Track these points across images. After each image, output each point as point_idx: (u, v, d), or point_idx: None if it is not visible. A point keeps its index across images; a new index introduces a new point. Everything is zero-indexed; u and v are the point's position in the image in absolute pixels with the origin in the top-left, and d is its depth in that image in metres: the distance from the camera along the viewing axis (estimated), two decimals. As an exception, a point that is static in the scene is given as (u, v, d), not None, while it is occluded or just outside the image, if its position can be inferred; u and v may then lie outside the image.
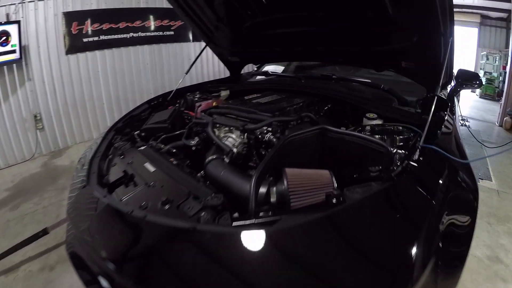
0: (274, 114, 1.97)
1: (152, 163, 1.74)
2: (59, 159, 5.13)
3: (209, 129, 1.95)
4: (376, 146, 1.42)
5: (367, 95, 2.44)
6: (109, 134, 2.39)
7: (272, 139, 1.78)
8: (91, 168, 1.84)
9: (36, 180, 4.48)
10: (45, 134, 5.27)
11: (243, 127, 1.88)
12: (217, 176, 1.63)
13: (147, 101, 3.00)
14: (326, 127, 1.56)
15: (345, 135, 1.52)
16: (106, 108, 5.97)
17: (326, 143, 1.57)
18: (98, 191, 1.52)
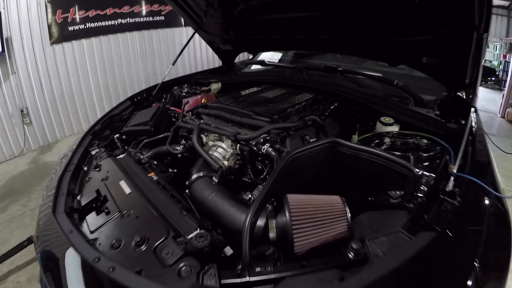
0: (272, 117, 1.69)
1: (129, 181, 1.52)
2: (48, 154, 4.96)
3: (194, 139, 1.67)
4: (400, 169, 1.19)
5: (378, 92, 2.13)
6: (85, 140, 2.14)
7: (271, 152, 1.50)
8: (59, 188, 1.59)
9: (25, 178, 4.33)
10: (33, 128, 5.06)
11: (235, 136, 1.61)
12: (204, 200, 1.40)
13: (129, 97, 2.73)
14: (338, 140, 1.32)
15: (361, 152, 1.28)
16: (95, 99, 5.72)
17: (337, 158, 1.35)
18: (64, 224, 1.31)
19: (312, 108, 2.01)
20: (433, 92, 2.13)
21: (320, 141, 1.34)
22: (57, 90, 5.19)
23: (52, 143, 5.31)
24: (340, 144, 1.32)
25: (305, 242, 1.06)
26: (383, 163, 1.22)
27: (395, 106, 1.83)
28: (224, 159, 1.67)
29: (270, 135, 1.56)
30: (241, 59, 4.13)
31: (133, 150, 1.94)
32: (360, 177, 1.33)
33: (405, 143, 1.45)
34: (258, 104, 1.92)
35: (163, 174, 1.74)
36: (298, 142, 1.67)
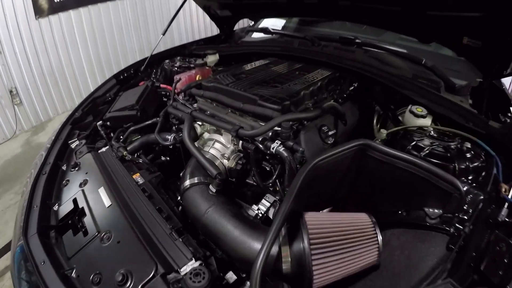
0: (282, 104, 1.34)
1: (109, 187, 1.30)
2: (41, 134, 4.73)
3: (186, 135, 1.35)
4: (445, 185, 0.99)
5: (404, 72, 1.75)
6: (63, 131, 1.86)
7: (282, 152, 1.19)
8: (33, 199, 1.38)
9: (18, 163, 4.13)
10: (24, 109, 4.76)
11: (236, 132, 1.27)
12: (199, 216, 1.14)
13: (115, 74, 2.39)
14: (370, 143, 1.07)
15: (398, 160, 1.04)
16: (87, 73, 5.35)
17: (365, 163, 1.12)
18: (36, 250, 1.14)
19: (329, 89, 1.65)
20: (464, 75, 1.82)
21: (348, 144, 1.07)
22: (46, 67, 4.82)
23: (45, 122, 5.03)
24: (372, 148, 1.08)
25: (327, 277, 0.89)
26: (423, 176, 1.01)
27: (426, 92, 1.53)
28: (223, 158, 1.36)
29: (281, 129, 1.24)
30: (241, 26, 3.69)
31: (115, 143, 1.62)
32: (391, 187, 1.14)
33: (447, 148, 1.19)
34: (264, 84, 1.56)
35: (151, 175, 1.47)
36: (314, 135, 1.35)
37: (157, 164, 1.73)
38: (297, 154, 1.20)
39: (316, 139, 1.35)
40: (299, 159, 1.20)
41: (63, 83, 5.11)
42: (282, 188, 1.27)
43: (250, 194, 1.43)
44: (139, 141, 1.72)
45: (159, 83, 2.24)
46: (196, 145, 1.46)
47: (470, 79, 1.68)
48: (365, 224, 0.97)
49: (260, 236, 1.02)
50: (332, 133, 1.37)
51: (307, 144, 1.29)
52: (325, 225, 0.93)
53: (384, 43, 2.08)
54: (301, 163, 1.20)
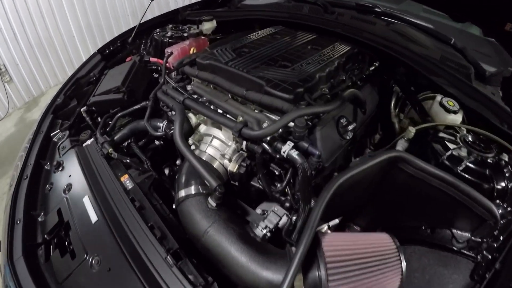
0: (295, 93, 1.08)
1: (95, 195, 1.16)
2: (35, 110, 4.53)
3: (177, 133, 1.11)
4: (481, 211, 0.89)
5: (432, 52, 1.46)
6: (45, 121, 1.67)
7: (296, 158, 0.96)
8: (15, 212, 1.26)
9: (12, 144, 3.96)
10: (15, 85, 4.53)
11: (239, 132, 1.03)
12: (198, 236, 0.98)
13: (99, 49, 2.11)
14: (405, 156, 0.92)
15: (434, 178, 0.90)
16: (78, 41, 5.01)
17: (392, 175, 0.98)
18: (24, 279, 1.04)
19: (346, 68, 1.37)
20: (493, 60, 1.57)
21: (380, 157, 0.91)
22: (34, 39, 4.51)
23: (38, 97, 4.82)
24: (406, 161, 0.93)
25: None
26: (458, 197, 0.91)
27: (456, 81, 1.32)
28: (224, 158, 1.13)
29: (295, 127, 0.99)
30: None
31: (100, 137, 1.39)
32: (417, 202, 1.03)
33: (485, 162, 1.04)
34: (271, 63, 1.28)
35: (141, 176, 1.28)
36: (332, 130, 1.12)
37: (151, 149, 1.56)
38: (313, 159, 0.99)
39: (334, 134, 1.12)
40: (315, 164, 1.00)
41: (53, 55, 4.82)
42: (293, 194, 1.10)
43: (254, 193, 1.24)
44: (128, 128, 1.51)
45: (149, 57, 1.96)
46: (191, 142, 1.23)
47: (500, 66, 1.49)
48: (388, 250, 0.86)
49: (270, 265, 0.88)
50: (352, 128, 1.16)
51: (323, 142, 1.07)
52: (344, 251, 0.82)
53: (406, 14, 1.74)
54: (316, 169, 1.02)
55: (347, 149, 1.21)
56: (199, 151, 1.21)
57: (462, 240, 0.97)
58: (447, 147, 1.10)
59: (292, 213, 1.12)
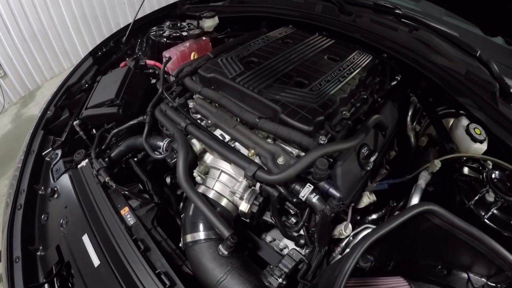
0: (315, 122, 0.95)
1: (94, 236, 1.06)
2: (31, 105, 4.40)
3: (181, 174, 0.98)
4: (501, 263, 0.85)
5: (457, 66, 1.32)
6: (35, 140, 1.54)
7: (316, 204, 0.87)
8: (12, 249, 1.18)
9: (9, 142, 3.86)
10: (10, 80, 4.37)
11: (253, 175, 0.90)
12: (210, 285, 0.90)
13: (91, 51, 1.94)
14: (436, 210, 0.84)
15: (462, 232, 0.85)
16: (73, 33, 4.79)
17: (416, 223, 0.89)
18: None
19: (367, 84, 1.22)
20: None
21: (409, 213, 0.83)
22: (28, 31, 4.32)
23: (34, 91, 4.67)
24: (437, 215, 0.85)
25: None
26: (482, 250, 0.87)
27: (483, 103, 1.21)
28: (233, 195, 1.00)
29: (315, 169, 0.87)
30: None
31: (96, 161, 1.28)
32: (437, 246, 0.97)
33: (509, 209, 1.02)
34: (285, 80, 1.13)
35: (143, 208, 1.17)
36: (353, 164, 1.02)
37: (151, 161, 1.47)
38: (333, 202, 0.88)
39: (355, 167, 1.02)
40: (335, 208, 0.89)
41: (48, 47, 4.63)
42: (307, 230, 1.01)
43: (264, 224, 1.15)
44: (124, 145, 1.40)
45: (145, 60, 1.79)
46: (195, 174, 1.10)
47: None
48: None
49: None
50: (374, 159, 1.04)
51: (344, 179, 0.96)
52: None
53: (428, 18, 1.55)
54: (337, 212, 0.92)
55: (366, 178, 1.11)
56: (205, 187, 1.09)
57: (477, 285, 0.95)
58: (474, 188, 1.06)
59: (305, 248, 1.05)
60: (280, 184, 0.91)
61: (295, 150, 0.99)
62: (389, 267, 1.07)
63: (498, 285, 0.93)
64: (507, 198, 1.03)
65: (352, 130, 1.05)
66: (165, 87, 1.35)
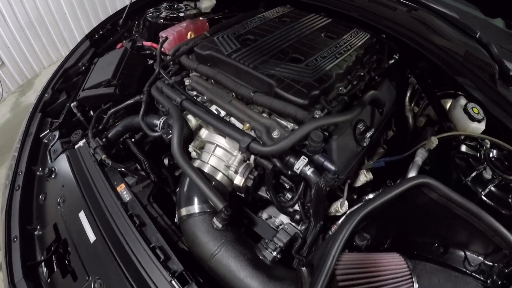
0: (310, 96, 0.95)
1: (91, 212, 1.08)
2: (30, 94, 4.39)
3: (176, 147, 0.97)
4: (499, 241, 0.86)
5: (456, 47, 1.30)
6: (33, 122, 1.55)
7: (311, 176, 0.87)
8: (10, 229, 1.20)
9: (7, 131, 3.84)
10: (8, 69, 4.34)
11: (248, 147, 0.91)
12: (205, 259, 0.91)
13: (87, 34, 1.93)
14: (432, 183, 0.85)
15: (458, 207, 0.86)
16: (70, 19, 4.74)
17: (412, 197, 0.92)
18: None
19: (364, 62, 1.21)
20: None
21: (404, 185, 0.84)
22: (24, 19, 4.27)
23: (32, 79, 4.65)
24: (433, 189, 0.86)
25: None
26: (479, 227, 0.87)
27: (482, 84, 1.21)
28: (228, 169, 1.00)
29: (310, 141, 0.87)
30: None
31: (93, 140, 1.28)
32: (434, 223, 1.00)
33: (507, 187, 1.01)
34: (281, 56, 1.12)
35: (139, 185, 1.18)
36: (349, 139, 1.02)
37: (149, 142, 1.48)
38: (328, 175, 0.88)
39: (351, 143, 1.02)
40: (330, 181, 0.89)
41: (45, 34, 4.58)
42: (303, 205, 1.02)
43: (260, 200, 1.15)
44: (121, 124, 1.40)
45: (142, 41, 1.78)
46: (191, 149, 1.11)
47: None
48: (401, 274, 0.86)
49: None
50: (370, 134, 1.04)
51: (339, 153, 0.97)
52: (355, 272, 0.82)
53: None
54: (332, 186, 0.92)
55: (363, 155, 1.11)
56: (200, 161, 1.09)
57: (474, 264, 0.95)
58: (471, 165, 1.05)
59: (301, 224, 1.06)
60: (274, 156, 0.91)
61: (290, 124, 0.99)
62: (385, 245, 1.08)
63: (495, 264, 0.93)
64: (505, 176, 1.02)
65: (348, 106, 1.04)
66: (162, 66, 1.34)
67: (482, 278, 0.92)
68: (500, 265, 0.92)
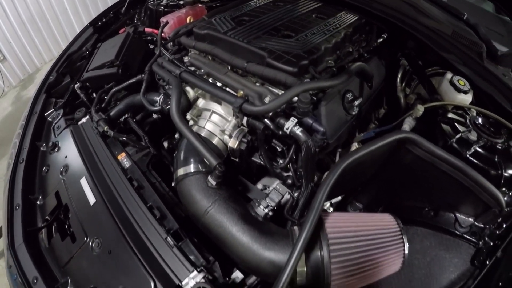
0: (299, 65, 1.02)
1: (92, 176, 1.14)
2: (31, 88, 4.43)
3: (174, 110, 1.04)
4: (487, 198, 0.87)
5: (443, 27, 1.38)
6: (38, 101, 1.62)
7: (300, 135, 0.92)
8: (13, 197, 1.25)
9: (9, 124, 3.90)
10: (9, 64, 4.39)
11: (240, 107, 0.98)
12: (199, 215, 0.95)
13: (91, 21, 2.01)
14: (414, 138, 0.88)
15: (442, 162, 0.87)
16: (71, 14, 4.81)
17: (399, 156, 0.95)
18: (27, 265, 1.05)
19: (353, 39, 1.29)
20: (506, 40, 1.54)
21: (388, 138, 0.86)
22: (25, 14, 4.33)
23: (33, 74, 4.70)
24: (416, 143, 0.89)
25: None
26: (465, 183, 0.88)
27: (468, 59, 1.27)
28: (223, 133, 1.08)
29: (299, 103, 0.94)
30: None
31: (95, 114, 1.34)
32: (422, 184, 1.01)
33: (494, 148, 1.02)
34: (273, 33, 1.20)
35: (139, 153, 1.25)
36: (337, 106, 1.08)
37: (149, 123, 1.53)
38: (317, 136, 0.95)
39: (339, 110, 1.08)
40: (319, 142, 0.96)
41: (46, 29, 4.64)
42: (295, 170, 1.07)
43: (256, 168, 1.21)
44: (123, 103, 1.46)
45: (144, 27, 1.86)
46: (189, 117, 1.18)
47: None
48: (391, 231, 0.85)
49: (272, 245, 0.87)
50: (358, 103, 1.10)
51: (328, 118, 1.02)
52: (346, 231, 0.82)
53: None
54: (320, 146, 0.98)
55: (352, 124, 1.17)
56: (197, 127, 1.16)
57: (465, 225, 0.95)
58: (457, 129, 1.07)
59: (294, 189, 1.10)
60: (266, 117, 0.98)
61: (281, 91, 1.05)
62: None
63: (486, 225, 0.95)
64: (490, 139, 1.04)
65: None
66: (162, 45, 1.41)
67: (474, 240, 0.94)
68: (491, 227, 0.94)
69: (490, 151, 1.01)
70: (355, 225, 0.85)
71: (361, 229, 0.84)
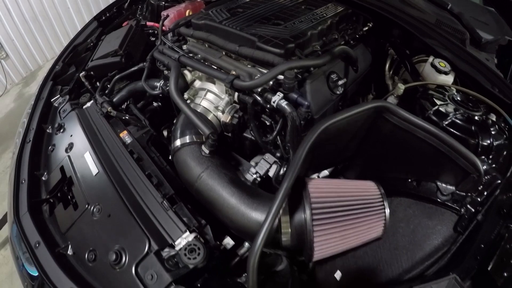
0: (286, 47, 1.12)
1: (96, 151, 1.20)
2: (33, 85, 4.52)
3: (172, 88, 1.14)
4: (465, 164, 0.89)
5: (428, 16, 1.46)
6: (45, 88, 1.70)
7: (285, 108, 1.01)
8: (19, 173, 1.31)
9: (12, 119, 3.98)
10: (12, 61, 4.49)
11: (231, 83, 1.08)
12: (192, 181, 1.03)
13: (96, 16, 2.11)
14: (389, 106, 0.92)
15: (418, 128, 0.91)
16: (73, 12, 4.93)
17: (378, 126, 0.99)
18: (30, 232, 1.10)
19: (339, 28, 1.40)
20: (491, 29, 1.59)
21: (364, 106, 0.91)
22: (28, 13, 4.43)
23: (35, 71, 4.79)
24: (390, 111, 0.92)
25: (328, 250, 0.86)
26: (443, 149, 0.90)
27: (450, 44, 1.32)
28: (217, 110, 1.18)
29: (284, 79, 1.04)
30: None
31: (99, 97, 1.44)
32: (403, 154, 1.03)
33: (471, 119, 1.05)
34: (264, 22, 1.31)
35: (139, 131, 1.33)
36: (322, 84, 1.17)
37: (149, 111, 1.61)
38: (302, 109, 1.04)
39: (324, 89, 1.16)
40: (304, 114, 1.05)
41: (49, 27, 4.75)
42: (283, 145, 1.15)
43: (248, 146, 1.30)
44: (126, 89, 1.55)
45: (145, 21, 1.98)
46: (186, 96, 1.28)
47: (497, 34, 1.50)
48: (372, 196, 0.89)
49: (259, 206, 0.94)
50: (342, 83, 1.19)
51: (313, 95, 1.11)
52: (329, 195, 0.86)
53: None
54: (306, 119, 1.06)
55: (338, 105, 1.26)
56: (194, 104, 1.26)
57: (446, 193, 0.98)
58: (435, 103, 1.12)
59: (283, 163, 1.18)
60: (255, 92, 1.08)
61: (270, 71, 1.16)
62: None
63: (468, 193, 0.97)
64: (468, 111, 1.07)
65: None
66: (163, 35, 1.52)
67: (456, 207, 0.95)
68: (473, 194, 0.96)
69: (467, 122, 1.04)
70: (337, 189, 0.89)
71: (343, 192, 0.88)
